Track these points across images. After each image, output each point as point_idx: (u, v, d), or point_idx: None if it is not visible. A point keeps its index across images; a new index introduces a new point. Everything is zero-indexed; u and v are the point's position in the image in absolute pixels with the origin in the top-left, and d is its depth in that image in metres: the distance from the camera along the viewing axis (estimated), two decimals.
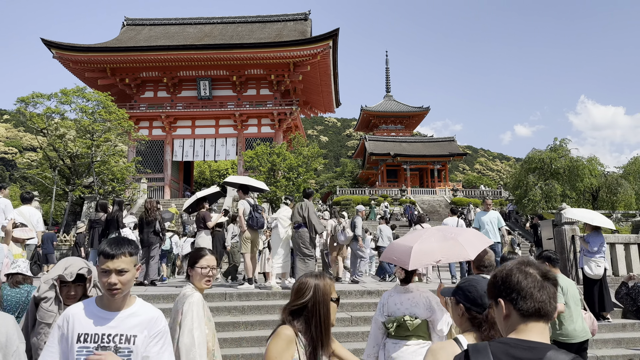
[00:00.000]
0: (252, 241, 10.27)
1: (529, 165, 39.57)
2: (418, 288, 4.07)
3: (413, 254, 3.79)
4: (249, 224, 10.12)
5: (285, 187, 26.13)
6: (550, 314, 1.62)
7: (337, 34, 33.89)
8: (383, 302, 4.07)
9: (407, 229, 31.96)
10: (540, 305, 1.60)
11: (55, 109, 26.16)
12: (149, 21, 42.36)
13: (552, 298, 1.63)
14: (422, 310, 3.89)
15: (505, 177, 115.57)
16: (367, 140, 64.86)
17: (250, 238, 10.23)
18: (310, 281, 2.59)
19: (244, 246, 10.25)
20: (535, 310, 1.60)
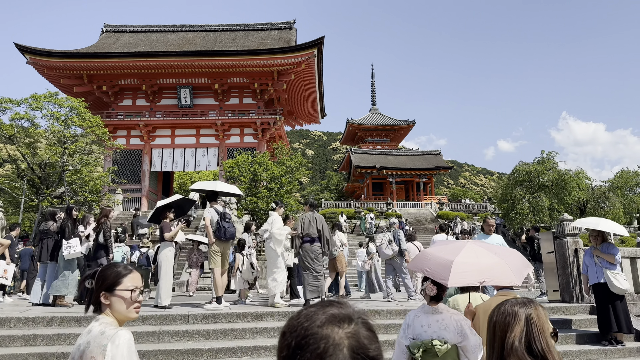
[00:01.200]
0: (222, 254, 9.11)
1: (516, 178, 39.07)
2: (448, 309, 3.67)
3: (454, 268, 3.35)
4: (216, 235, 8.98)
5: (267, 198, 24.95)
6: None
7: (323, 42, 33.08)
8: (408, 323, 3.68)
9: None
10: None
11: (25, 114, 24.73)
12: (129, 28, 41.19)
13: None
14: (452, 335, 3.50)
15: (490, 191, 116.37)
16: (353, 153, 64.23)
17: (220, 251, 9.08)
18: (519, 310, 1.82)
19: (212, 260, 9.06)
20: None
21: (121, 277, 2.29)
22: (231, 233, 9.02)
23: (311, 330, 0.97)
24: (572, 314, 9.83)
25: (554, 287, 11.10)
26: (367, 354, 0.96)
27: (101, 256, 10.53)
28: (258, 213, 25.86)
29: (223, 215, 9.03)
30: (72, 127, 26.50)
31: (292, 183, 26.25)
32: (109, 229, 10.67)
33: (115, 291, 2.24)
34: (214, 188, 9.50)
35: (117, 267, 2.36)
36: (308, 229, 9.24)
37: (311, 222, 9.29)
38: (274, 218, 9.52)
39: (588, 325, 9.11)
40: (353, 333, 0.97)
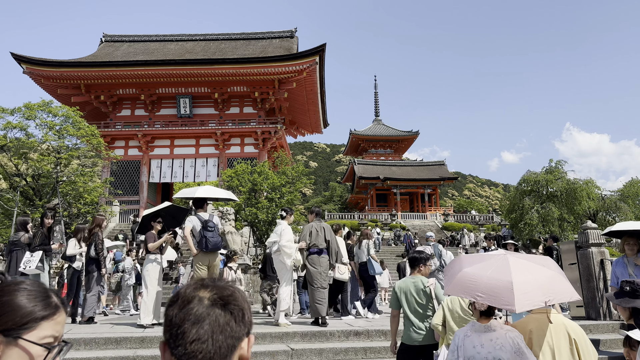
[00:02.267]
0: (208, 267, 8.15)
1: (523, 188, 38.14)
2: (502, 326, 3.30)
3: (517, 290, 2.91)
4: (199, 247, 8.05)
5: (267, 208, 24.00)
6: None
7: (324, 49, 32.36)
8: (457, 344, 3.33)
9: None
10: (195, 348, 1.07)
11: (17, 123, 23.96)
12: (128, 38, 40.67)
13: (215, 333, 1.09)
14: (509, 355, 3.14)
15: (495, 202, 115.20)
16: (356, 164, 63.39)
17: (205, 264, 8.11)
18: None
19: (196, 275, 8.12)
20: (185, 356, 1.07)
21: (36, 318, 1.20)
22: (215, 243, 8.05)
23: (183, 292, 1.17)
24: (600, 332, 8.82)
25: (577, 302, 10.10)
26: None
27: (93, 270, 9.62)
28: (258, 224, 24.89)
29: (205, 223, 8.07)
30: (67, 137, 25.73)
31: (293, 193, 25.30)
32: (101, 240, 9.76)
33: (20, 339, 1.18)
34: (192, 194, 8.53)
35: (35, 298, 1.24)
36: (315, 239, 8.47)
37: (318, 231, 8.55)
38: (283, 228, 8.53)
39: (620, 346, 8.10)
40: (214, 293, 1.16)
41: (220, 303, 1.14)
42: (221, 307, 1.13)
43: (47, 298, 1.26)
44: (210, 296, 1.15)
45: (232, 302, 1.16)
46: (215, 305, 1.13)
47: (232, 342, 1.11)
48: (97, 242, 9.68)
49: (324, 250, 8.55)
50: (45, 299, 1.25)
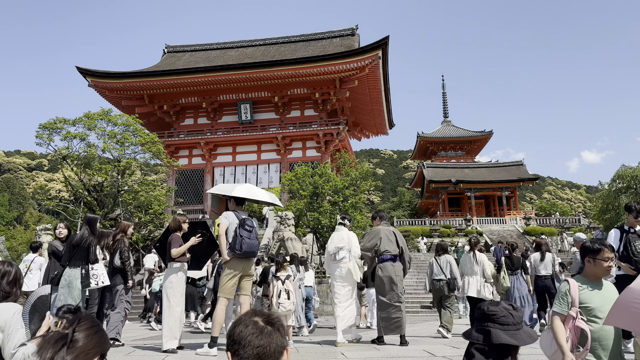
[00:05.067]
0: (240, 278, 6.41)
1: (619, 185, 34.03)
2: None
3: None
4: (231, 248, 6.33)
5: (330, 213, 22.24)
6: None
7: (387, 42, 30.34)
8: None
9: None
10: (259, 351, 1.59)
11: (76, 133, 23.84)
12: (189, 47, 40.77)
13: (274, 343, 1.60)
14: None
15: (577, 205, 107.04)
16: (426, 168, 60.43)
17: (234, 272, 6.38)
18: None
19: (221, 285, 6.35)
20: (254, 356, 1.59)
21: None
22: (251, 246, 6.31)
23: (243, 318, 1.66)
24: None
25: None
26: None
27: (118, 283, 8.20)
28: (321, 230, 23.19)
29: (243, 222, 6.39)
30: (128, 146, 25.39)
31: (357, 195, 23.38)
32: (127, 248, 8.33)
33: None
34: (230, 192, 6.83)
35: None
36: (387, 244, 7.48)
37: (389, 236, 7.61)
38: (350, 235, 7.60)
39: None
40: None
41: (271, 323, 1.62)
42: (271, 325, 1.61)
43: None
44: (263, 319, 1.62)
45: (277, 322, 1.63)
46: (267, 325, 1.61)
47: (280, 350, 1.59)
48: (123, 249, 8.22)
49: (397, 258, 7.55)
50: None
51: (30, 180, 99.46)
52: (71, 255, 7.04)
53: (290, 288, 7.31)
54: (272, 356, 1.55)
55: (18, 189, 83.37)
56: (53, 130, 24.78)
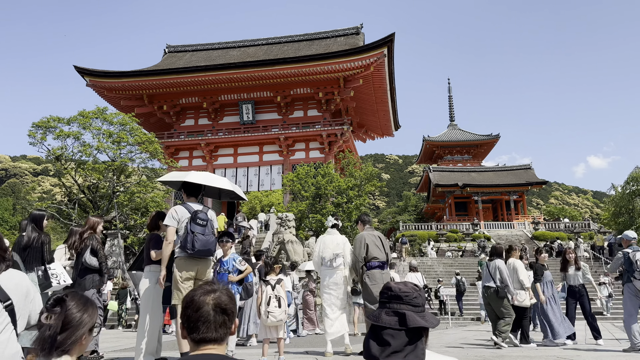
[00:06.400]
0: (194, 280, 5.34)
1: (632, 188, 32.88)
2: None
3: None
4: (182, 247, 5.24)
5: (334, 214, 21.21)
6: (219, 339, 1.81)
7: (393, 40, 29.37)
8: None
9: None
10: (204, 337, 1.78)
11: (69, 131, 22.96)
12: (191, 47, 39.99)
13: (221, 326, 1.81)
14: None
15: (584, 210, 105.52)
16: (432, 171, 59.28)
17: (191, 273, 5.30)
18: None
19: (174, 292, 5.28)
20: (200, 339, 1.79)
21: None
22: (205, 244, 5.20)
23: (193, 297, 1.82)
24: None
25: None
26: (222, 307, 1.81)
27: (88, 286, 7.17)
28: (324, 233, 22.20)
29: (195, 215, 5.30)
30: (124, 145, 24.49)
31: (362, 197, 22.34)
32: (100, 246, 7.33)
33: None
34: (183, 178, 5.73)
35: None
36: (375, 251, 7.13)
37: (375, 242, 7.24)
38: (345, 241, 7.48)
39: None
40: (215, 297, 1.82)
41: (221, 309, 1.81)
42: (222, 312, 1.81)
43: None
44: (214, 303, 1.81)
45: (229, 307, 1.84)
46: (216, 311, 1.80)
47: (226, 332, 1.82)
48: (97, 247, 7.18)
49: (384, 264, 7.21)
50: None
51: (36, 185, 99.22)
52: (23, 259, 6.09)
53: (281, 294, 6.28)
54: (219, 340, 1.79)
55: (23, 194, 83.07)
56: (47, 129, 23.92)
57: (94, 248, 7.13)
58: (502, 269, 8.60)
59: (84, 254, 7.14)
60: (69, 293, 2.07)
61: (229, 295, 1.82)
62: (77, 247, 7.30)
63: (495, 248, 9.11)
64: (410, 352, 1.95)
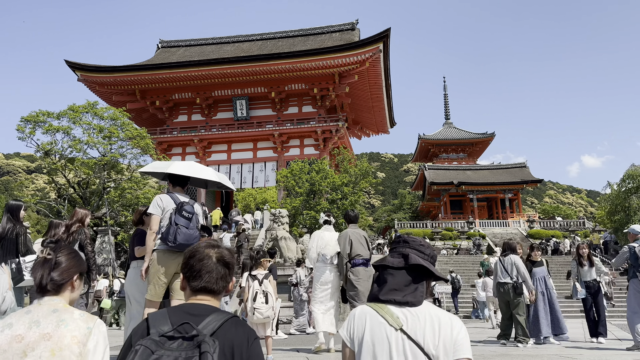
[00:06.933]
0: (172, 277, 5.00)
1: (628, 186, 32.67)
2: None
3: None
4: (163, 239, 4.87)
5: (327, 211, 20.88)
6: (217, 292, 1.87)
7: (389, 35, 29.06)
8: None
9: None
10: (205, 285, 1.85)
11: (59, 126, 22.51)
12: (184, 42, 39.53)
13: (221, 279, 1.87)
14: None
15: (579, 209, 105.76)
16: (427, 169, 59.08)
17: (172, 269, 4.87)
18: None
19: (149, 287, 4.85)
20: (201, 288, 1.85)
21: None
22: (188, 237, 4.80)
23: (198, 248, 1.89)
24: None
25: None
26: (225, 260, 1.88)
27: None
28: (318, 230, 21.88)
29: (180, 206, 4.95)
30: (115, 140, 24.05)
31: (357, 194, 22.03)
32: (89, 241, 6.95)
33: None
34: (165, 169, 5.38)
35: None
36: (359, 248, 7.25)
37: (360, 240, 7.40)
38: (330, 233, 7.73)
39: None
40: (218, 251, 1.89)
41: (224, 262, 1.88)
42: (224, 265, 1.88)
43: None
44: (217, 256, 1.87)
45: (231, 262, 1.92)
46: (219, 263, 1.87)
47: (224, 285, 1.89)
48: (85, 242, 6.80)
49: (368, 262, 7.31)
50: None
51: (30, 183, 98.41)
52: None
53: (269, 289, 5.94)
54: (217, 292, 1.86)
55: (17, 192, 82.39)
56: (36, 124, 23.46)
57: (82, 244, 6.75)
58: (519, 265, 8.41)
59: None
60: (60, 244, 2.30)
61: (231, 252, 1.91)
62: (64, 241, 6.93)
63: (509, 244, 8.93)
64: (410, 292, 1.94)
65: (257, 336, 1.82)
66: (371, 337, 1.89)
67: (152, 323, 1.68)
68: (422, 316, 1.90)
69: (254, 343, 1.76)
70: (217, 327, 1.68)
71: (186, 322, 1.66)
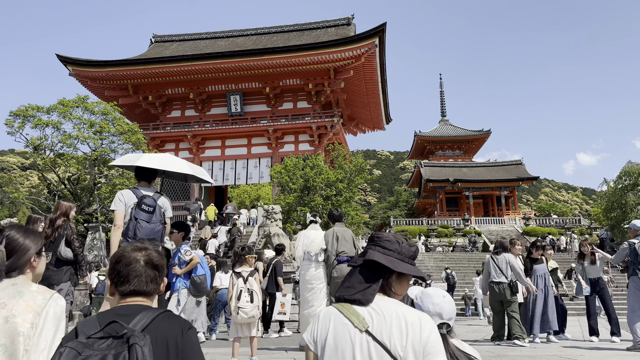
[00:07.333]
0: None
1: (625, 182, 32.49)
2: None
3: None
4: (124, 235, 4.66)
5: (322, 207, 20.59)
6: (149, 293, 1.84)
7: (385, 29, 28.70)
8: None
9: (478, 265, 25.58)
10: (135, 289, 1.81)
11: (48, 120, 22.08)
12: (178, 37, 39.04)
13: (151, 281, 1.84)
14: None
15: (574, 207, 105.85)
16: (423, 167, 58.94)
17: None
18: None
19: (108, 287, 4.56)
20: (130, 292, 1.81)
21: None
22: (149, 232, 4.63)
23: (124, 253, 1.83)
24: None
25: None
26: (153, 263, 1.83)
27: (64, 279, 6.41)
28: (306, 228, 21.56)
29: (141, 200, 4.71)
30: (105, 135, 23.63)
31: (352, 190, 21.72)
32: (75, 236, 6.59)
33: None
34: (135, 162, 5.05)
35: None
36: (344, 245, 7.25)
37: (345, 236, 7.42)
38: (316, 232, 7.85)
39: None
40: (146, 254, 1.83)
41: (152, 264, 1.84)
42: (153, 267, 1.84)
43: None
44: (145, 259, 1.83)
45: (160, 264, 1.87)
46: (147, 266, 1.82)
47: (155, 287, 1.85)
48: (71, 237, 6.42)
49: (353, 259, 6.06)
50: None
51: (24, 180, 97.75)
52: None
53: (254, 287, 5.60)
54: (149, 293, 1.83)
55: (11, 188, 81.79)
56: (25, 118, 23.02)
57: (69, 239, 6.38)
58: (513, 264, 8.26)
59: (59, 246, 6.38)
60: (8, 224, 2.06)
61: (159, 253, 1.86)
62: (49, 236, 6.56)
63: (501, 242, 8.81)
64: (360, 290, 1.89)
65: (192, 326, 1.76)
66: (334, 339, 1.81)
67: (81, 329, 1.63)
68: (388, 315, 1.80)
69: (189, 332, 1.72)
70: (148, 322, 1.65)
71: (114, 321, 1.62)
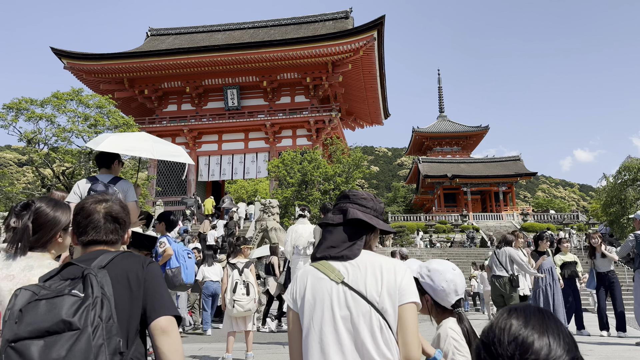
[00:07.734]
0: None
1: (624, 177, 32.37)
2: None
3: None
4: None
5: (320, 202, 20.31)
6: (110, 242, 1.83)
7: (383, 22, 28.39)
8: None
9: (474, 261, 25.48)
10: (93, 239, 1.80)
11: (42, 113, 21.73)
12: (174, 30, 38.65)
13: (112, 232, 1.83)
14: None
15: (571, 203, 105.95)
16: (421, 162, 58.72)
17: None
18: None
19: None
20: (89, 241, 1.80)
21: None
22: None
23: (84, 204, 1.80)
24: None
25: None
26: (113, 215, 1.80)
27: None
28: (310, 221, 21.30)
29: (89, 190, 4.18)
30: (100, 129, 23.29)
31: (350, 184, 21.46)
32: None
33: None
34: (96, 145, 4.46)
35: None
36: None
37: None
38: (304, 226, 7.78)
39: None
40: (107, 206, 1.81)
41: (112, 217, 1.81)
42: (113, 220, 1.81)
43: None
44: (105, 212, 1.79)
45: (121, 216, 1.84)
46: (107, 219, 1.80)
47: (117, 238, 1.82)
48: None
49: None
50: None
51: (21, 176, 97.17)
52: None
53: (250, 280, 5.33)
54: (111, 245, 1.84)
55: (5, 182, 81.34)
56: (18, 111, 22.66)
57: None
58: (514, 256, 8.08)
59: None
60: (37, 197, 2.19)
61: (121, 206, 1.83)
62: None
63: (505, 236, 8.63)
64: (346, 248, 1.87)
65: (153, 261, 1.77)
66: (312, 294, 1.82)
67: (40, 278, 1.63)
68: (362, 266, 1.83)
69: (150, 266, 1.72)
70: (108, 261, 1.65)
71: (71, 263, 1.62)
